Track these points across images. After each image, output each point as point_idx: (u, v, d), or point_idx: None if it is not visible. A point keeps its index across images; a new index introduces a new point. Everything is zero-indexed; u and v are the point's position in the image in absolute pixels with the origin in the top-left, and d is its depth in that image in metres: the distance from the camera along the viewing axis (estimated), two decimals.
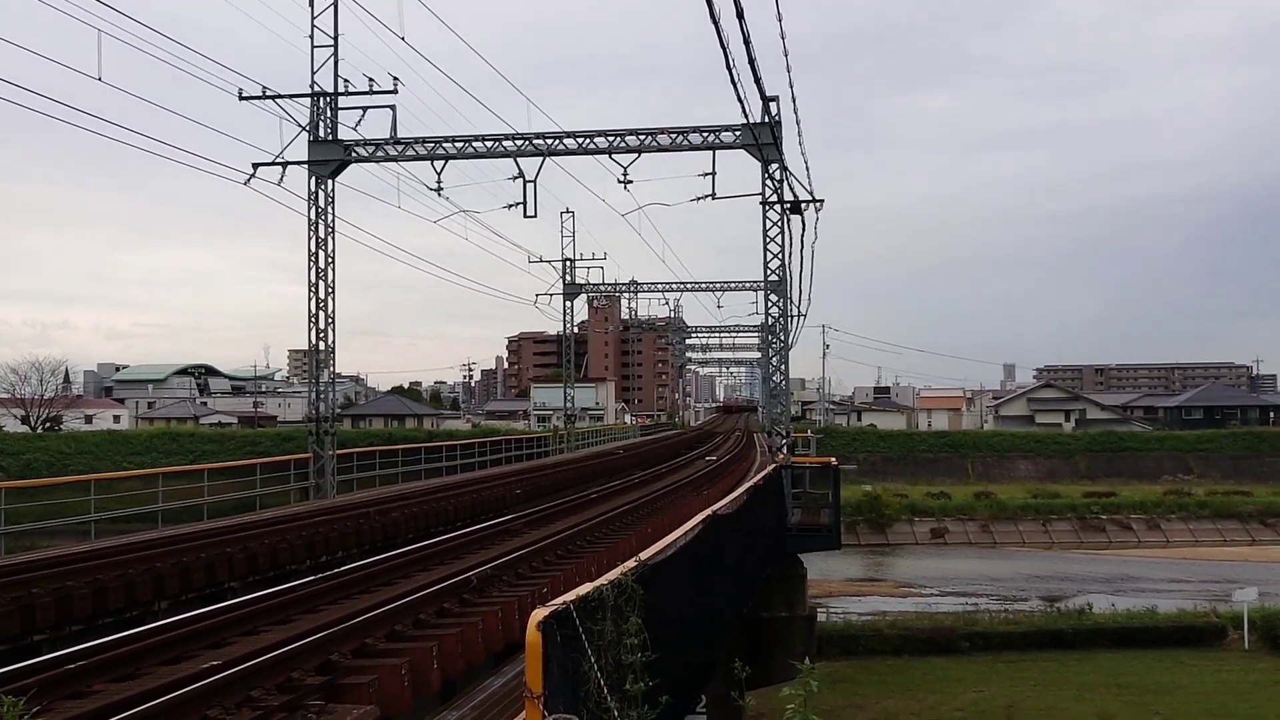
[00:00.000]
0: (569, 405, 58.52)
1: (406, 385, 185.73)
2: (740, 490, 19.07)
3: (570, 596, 6.98)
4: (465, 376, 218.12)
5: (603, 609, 7.34)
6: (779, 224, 28.51)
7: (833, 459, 31.26)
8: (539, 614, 6.44)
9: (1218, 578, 53.26)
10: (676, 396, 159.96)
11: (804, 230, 33.28)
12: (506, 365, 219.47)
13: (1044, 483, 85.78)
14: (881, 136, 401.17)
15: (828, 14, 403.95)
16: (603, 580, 7.70)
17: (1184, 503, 72.03)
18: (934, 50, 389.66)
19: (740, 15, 12.60)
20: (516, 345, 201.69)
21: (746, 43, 13.47)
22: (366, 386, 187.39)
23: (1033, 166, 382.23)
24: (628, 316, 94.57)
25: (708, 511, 13.23)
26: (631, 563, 8.46)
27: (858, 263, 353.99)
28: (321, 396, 28.44)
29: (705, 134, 27.07)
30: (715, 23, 12.48)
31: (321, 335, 27.96)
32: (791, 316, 34.07)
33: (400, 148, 27.86)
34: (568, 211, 56.79)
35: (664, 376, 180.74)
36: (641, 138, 27.17)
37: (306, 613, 11.76)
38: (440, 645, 9.86)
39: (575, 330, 63.35)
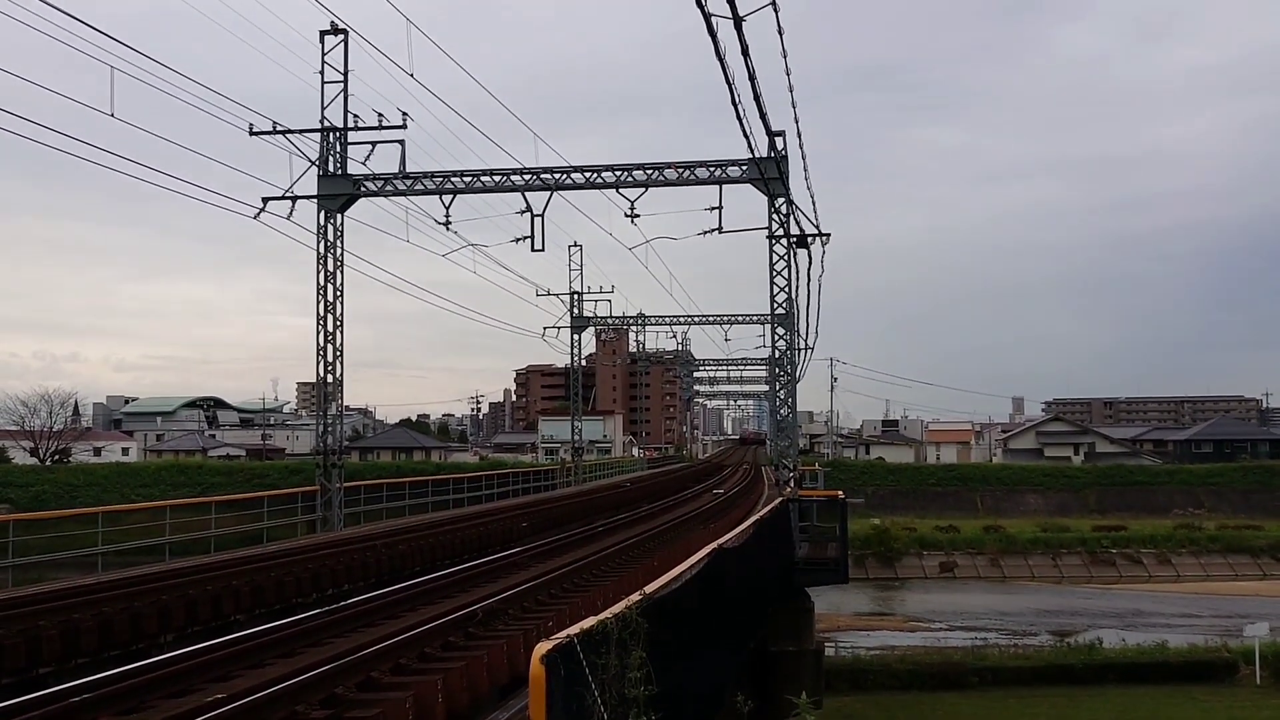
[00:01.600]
0: (577, 438, 58.50)
1: (414, 418, 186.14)
2: (747, 524, 19.06)
3: (574, 630, 7.00)
4: (473, 409, 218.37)
5: (607, 642, 7.35)
6: (785, 258, 28.63)
7: (840, 492, 31.20)
8: (542, 648, 6.46)
9: (1229, 612, 52.83)
10: (684, 429, 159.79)
11: (810, 264, 33.46)
12: (514, 398, 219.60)
13: (1053, 516, 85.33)
14: (887, 169, 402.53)
15: (831, 48, 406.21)
16: (606, 613, 7.71)
17: (1195, 537, 71.59)
18: (937, 83, 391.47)
19: (745, 53, 12.75)
20: (524, 378, 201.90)
21: (752, 79, 13.62)
22: (374, 419, 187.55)
23: (1039, 199, 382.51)
24: (635, 349, 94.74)
25: (714, 545, 13.24)
26: (636, 596, 8.48)
27: (864, 294, 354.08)
28: (329, 429, 28.51)
29: (712, 169, 27.24)
30: (720, 60, 12.63)
31: (330, 368, 28.05)
32: (799, 350, 34.14)
33: (409, 182, 28.08)
34: (575, 245, 57.05)
35: (672, 409, 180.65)
36: (649, 172, 27.35)
37: (311, 646, 11.78)
38: (445, 679, 9.85)
39: (583, 363, 63.42)
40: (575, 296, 56.29)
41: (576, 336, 57.27)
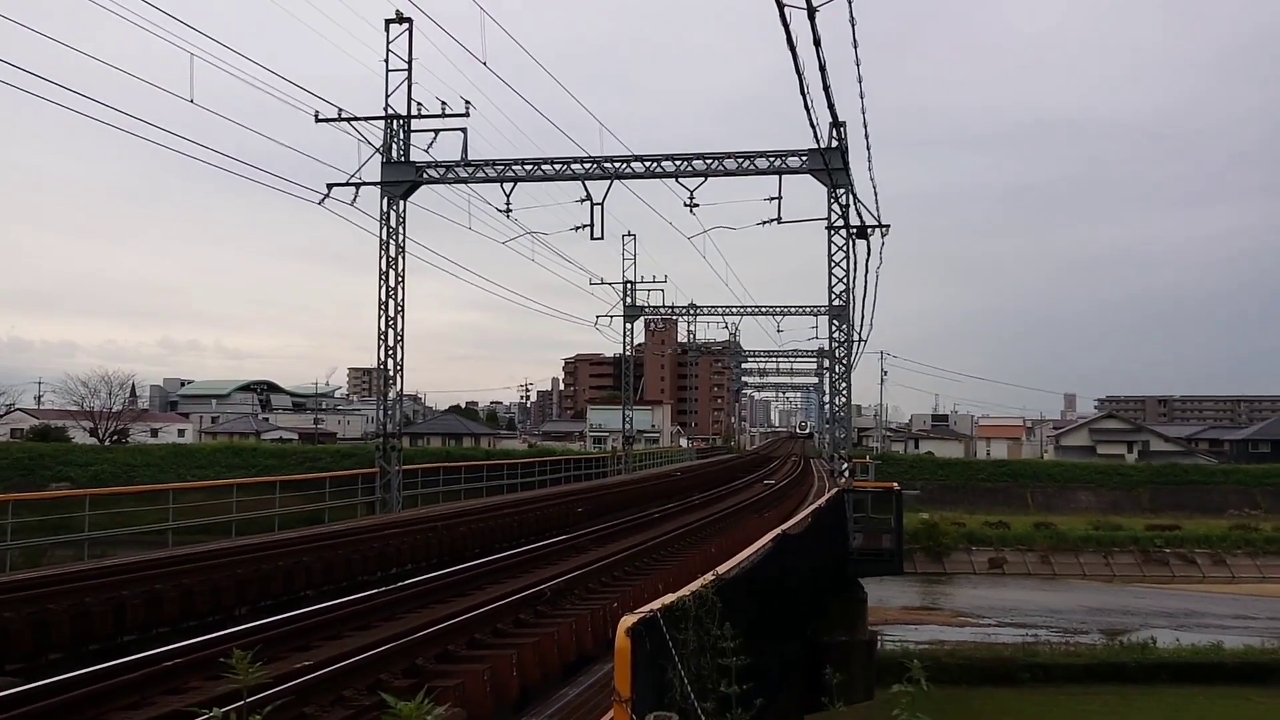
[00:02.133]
0: (628, 427, 58.72)
1: (463, 405, 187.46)
2: (805, 512, 19.19)
3: (656, 605, 7.19)
4: (522, 397, 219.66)
5: (685, 619, 7.55)
6: (844, 249, 28.61)
7: (895, 484, 31.19)
8: (628, 620, 6.65)
9: None
10: (733, 420, 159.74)
11: (869, 255, 33.40)
12: (562, 387, 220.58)
13: (1106, 515, 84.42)
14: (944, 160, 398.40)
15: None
16: (684, 591, 7.92)
17: (1250, 538, 70.51)
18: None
19: (817, 43, 12.84)
20: (573, 367, 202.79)
21: (822, 70, 13.69)
22: (424, 405, 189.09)
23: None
24: (685, 339, 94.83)
25: (777, 531, 13.39)
26: (709, 576, 8.67)
27: (915, 285, 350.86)
28: (389, 413, 28.90)
29: (772, 159, 27.24)
30: (792, 49, 12.73)
31: (390, 353, 28.43)
32: (853, 341, 34.09)
33: (471, 169, 28.32)
34: (629, 235, 57.25)
35: (719, 400, 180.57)
36: (708, 161, 27.39)
37: (385, 620, 12.08)
38: (519, 654, 10.11)
39: (633, 352, 63.65)
40: (628, 286, 56.51)
41: (629, 325, 57.47)
